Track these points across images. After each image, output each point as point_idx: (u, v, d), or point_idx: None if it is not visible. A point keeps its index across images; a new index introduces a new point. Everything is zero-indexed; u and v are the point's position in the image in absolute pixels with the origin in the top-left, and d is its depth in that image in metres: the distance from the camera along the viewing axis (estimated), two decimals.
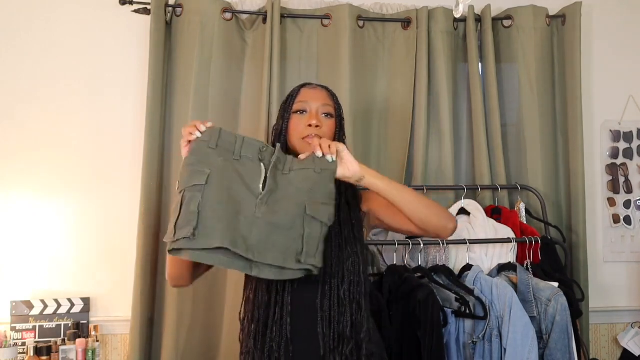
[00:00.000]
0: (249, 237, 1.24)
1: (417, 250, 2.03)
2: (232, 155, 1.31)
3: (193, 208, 1.22)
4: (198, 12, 2.20)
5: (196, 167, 1.26)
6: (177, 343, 2.11)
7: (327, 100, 1.56)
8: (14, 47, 2.22)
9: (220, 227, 1.21)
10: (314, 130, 1.49)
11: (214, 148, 1.29)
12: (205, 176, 1.25)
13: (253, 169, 1.31)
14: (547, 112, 2.41)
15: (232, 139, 1.32)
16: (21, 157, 2.19)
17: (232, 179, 1.28)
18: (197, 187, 1.24)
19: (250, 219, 1.25)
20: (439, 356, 1.80)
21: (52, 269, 2.19)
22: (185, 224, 1.21)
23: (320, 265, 1.28)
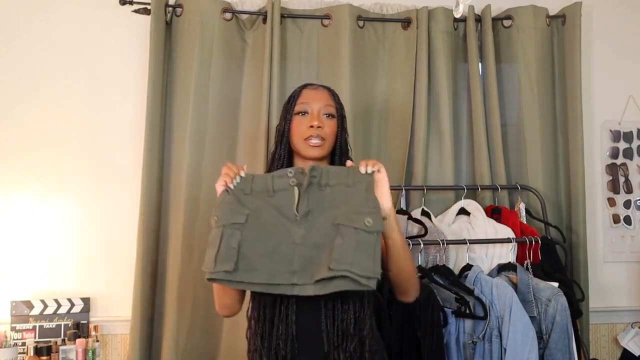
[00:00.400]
0: (293, 263, 1.29)
1: (417, 250, 2.03)
2: (267, 194, 1.36)
3: (233, 244, 1.28)
4: (198, 12, 2.20)
5: (235, 206, 1.33)
6: (177, 343, 2.11)
7: (328, 100, 1.57)
8: (14, 47, 2.22)
9: (261, 264, 1.28)
10: (315, 131, 1.50)
11: (249, 194, 1.36)
12: (245, 216, 1.32)
13: (287, 197, 1.35)
14: (547, 112, 2.41)
15: (263, 180, 1.38)
16: (21, 157, 2.19)
17: (269, 215, 1.33)
18: (237, 226, 1.30)
19: (291, 246, 1.30)
20: (439, 356, 1.80)
21: (52, 269, 2.19)
22: (226, 259, 1.27)
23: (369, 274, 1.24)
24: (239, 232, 1.29)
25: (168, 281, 2.15)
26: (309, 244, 1.30)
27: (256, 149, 2.21)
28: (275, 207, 1.34)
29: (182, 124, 2.19)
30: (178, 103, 2.21)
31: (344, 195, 1.34)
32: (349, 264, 1.23)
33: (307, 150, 1.52)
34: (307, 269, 1.28)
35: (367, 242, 1.26)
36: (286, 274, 1.28)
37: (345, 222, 1.28)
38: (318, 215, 1.33)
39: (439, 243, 2.05)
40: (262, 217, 1.32)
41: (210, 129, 2.21)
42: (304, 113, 1.54)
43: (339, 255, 1.24)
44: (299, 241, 1.31)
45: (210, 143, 2.21)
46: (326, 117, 1.54)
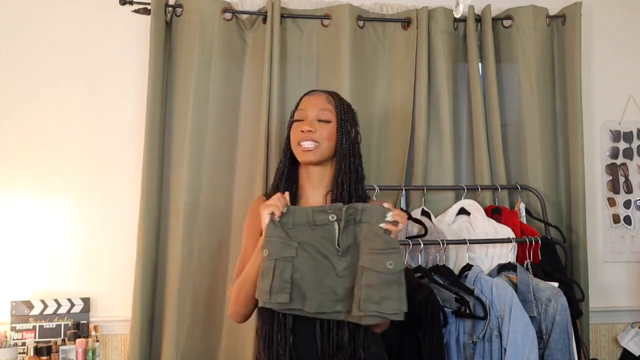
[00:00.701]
0: (337, 293, 1.40)
1: (417, 250, 2.03)
2: (309, 228, 1.44)
3: (286, 277, 1.39)
4: (198, 12, 2.20)
5: (285, 240, 1.42)
6: (177, 343, 2.11)
7: (324, 105, 1.57)
8: (14, 47, 2.22)
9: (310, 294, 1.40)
10: (306, 135, 1.53)
11: (292, 228, 1.44)
12: (294, 249, 1.41)
13: (328, 232, 1.44)
14: (547, 112, 2.41)
15: (304, 214, 1.45)
16: (21, 157, 2.19)
17: (314, 248, 1.43)
18: (288, 259, 1.40)
19: (335, 278, 1.41)
20: (439, 356, 1.80)
21: (52, 269, 2.19)
22: (280, 290, 1.38)
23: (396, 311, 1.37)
24: (290, 265, 1.40)
25: (168, 281, 2.15)
26: (351, 276, 1.41)
27: (256, 149, 2.21)
28: (318, 240, 1.43)
29: (182, 124, 2.19)
30: (178, 103, 2.21)
31: (368, 233, 1.42)
32: (377, 304, 1.35)
33: (300, 155, 1.55)
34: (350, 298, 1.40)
35: (392, 281, 1.37)
36: (331, 302, 1.40)
37: (368, 265, 1.38)
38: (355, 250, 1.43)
39: (439, 243, 2.05)
40: (308, 250, 1.42)
41: (210, 129, 2.21)
42: (300, 120, 1.57)
43: (366, 296, 1.36)
44: (342, 273, 1.41)
45: (210, 143, 2.21)
46: (321, 122, 1.55)
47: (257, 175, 2.17)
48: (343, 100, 1.62)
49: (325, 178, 1.59)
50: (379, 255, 1.38)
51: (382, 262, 1.37)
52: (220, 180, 2.22)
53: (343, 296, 1.40)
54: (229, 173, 2.25)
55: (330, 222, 1.43)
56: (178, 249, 2.13)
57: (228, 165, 2.25)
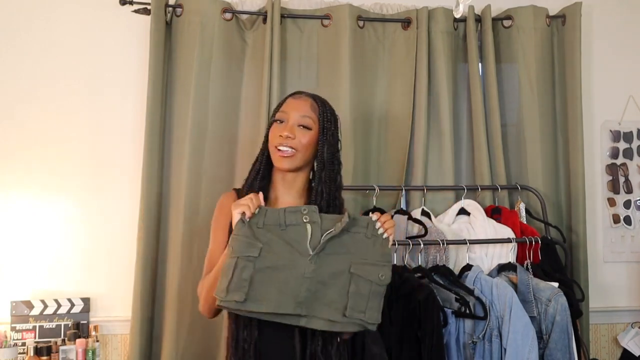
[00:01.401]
0: (299, 295, 1.36)
1: (417, 250, 2.03)
2: (279, 227, 1.42)
3: (245, 276, 1.35)
4: (198, 12, 2.20)
5: (250, 239, 1.39)
6: (177, 343, 2.11)
7: (307, 111, 1.53)
8: (14, 47, 2.22)
9: (269, 295, 1.36)
10: (284, 140, 1.50)
11: (261, 227, 1.41)
12: (258, 249, 1.38)
13: (300, 232, 1.41)
14: (547, 112, 2.41)
15: (275, 214, 1.43)
16: (21, 157, 2.19)
17: (281, 249, 1.40)
18: (250, 258, 1.37)
19: (300, 279, 1.37)
20: (439, 356, 1.80)
21: (52, 269, 2.19)
22: (237, 289, 1.34)
23: (374, 322, 1.38)
24: (251, 265, 1.36)
25: (168, 281, 2.15)
26: (317, 279, 1.38)
27: (256, 149, 2.15)
28: (287, 241, 1.40)
29: (182, 124, 2.19)
30: (178, 103, 2.21)
31: (361, 244, 1.42)
32: (363, 313, 1.37)
33: (277, 160, 1.52)
34: (311, 302, 1.37)
35: (378, 293, 1.39)
36: (292, 304, 1.36)
37: (362, 274, 1.39)
38: (332, 256, 1.40)
39: (439, 243, 2.05)
40: (274, 250, 1.39)
41: (210, 129, 2.21)
42: (281, 121, 1.53)
43: (354, 303, 1.37)
44: (309, 275, 1.37)
45: (210, 143, 2.21)
46: (301, 128, 1.51)
47: None
48: (327, 107, 1.57)
49: (298, 181, 1.57)
50: (373, 266, 1.40)
51: (375, 273, 1.39)
52: (220, 180, 2.22)
53: (304, 299, 1.36)
54: (229, 173, 2.25)
55: (302, 223, 1.41)
56: (178, 249, 2.13)
57: (228, 165, 2.25)
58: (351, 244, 1.42)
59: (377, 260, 1.41)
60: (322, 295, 1.37)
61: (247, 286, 1.34)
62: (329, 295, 1.38)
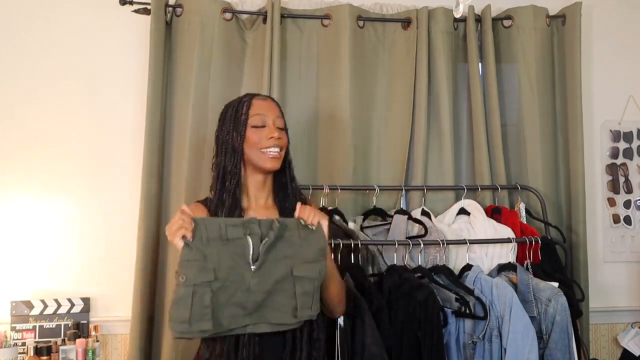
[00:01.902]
0: (247, 307, 1.38)
1: (417, 250, 2.03)
2: (221, 241, 1.39)
3: (206, 303, 1.34)
4: (198, 12, 2.20)
5: (201, 262, 1.36)
6: (177, 343, 2.11)
7: (279, 112, 1.60)
8: (14, 47, 2.22)
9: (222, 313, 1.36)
10: (275, 141, 1.53)
11: (206, 244, 1.38)
12: (212, 272, 1.35)
13: (242, 246, 1.40)
14: (547, 112, 2.41)
15: (215, 225, 1.39)
16: (21, 157, 2.19)
17: (227, 264, 1.38)
18: (206, 284, 1.34)
19: (246, 293, 1.38)
20: (439, 356, 1.80)
21: (52, 269, 2.19)
22: (201, 318, 1.33)
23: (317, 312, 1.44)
24: (209, 289, 1.34)
25: (168, 281, 2.15)
26: (262, 290, 1.39)
27: None
28: (230, 255, 1.39)
29: (182, 123, 2.19)
30: (178, 103, 2.21)
31: (297, 246, 1.44)
32: (309, 309, 1.41)
33: (266, 162, 1.53)
34: (259, 311, 1.40)
35: (318, 287, 1.44)
36: (240, 317, 1.38)
37: (303, 274, 1.42)
38: (272, 264, 1.41)
39: (439, 243, 2.05)
40: (222, 267, 1.37)
41: (210, 129, 2.21)
42: (261, 127, 1.54)
43: (302, 303, 1.41)
44: (254, 288, 1.38)
45: (210, 143, 2.19)
46: (279, 130, 1.56)
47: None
48: None
49: (268, 182, 1.61)
50: (313, 264, 1.43)
51: (316, 270, 1.43)
52: None
53: (252, 310, 1.38)
54: None
55: (243, 236, 1.39)
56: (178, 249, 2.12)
57: None
58: (288, 248, 1.43)
59: (314, 257, 1.44)
60: (270, 302, 1.40)
61: (210, 313, 1.33)
62: (277, 301, 1.40)
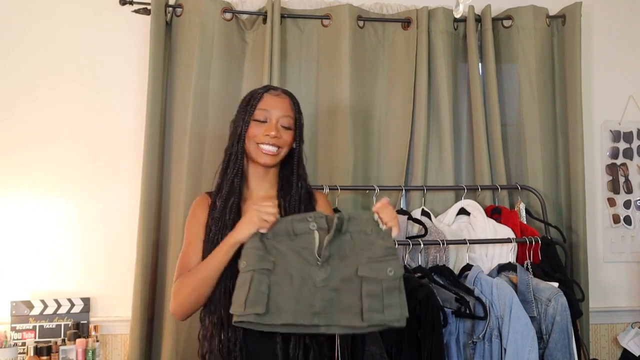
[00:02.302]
0: (315, 305, 1.36)
1: (417, 250, 2.03)
2: (289, 237, 1.42)
3: (263, 289, 1.35)
4: (198, 12, 2.20)
5: (262, 252, 1.39)
6: (177, 343, 2.11)
7: (288, 111, 1.58)
8: (14, 47, 2.22)
9: (286, 306, 1.35)
10: (271, 139, 1.53)
11: (271, 238, 1.42)
12: (272, 263, 1.38)
13: (308, 241, 1.41)
14: (547, 112, 2.41)
15: (284, 224, 1.43)
16: (21, 157, 2.19)
17: (292, 259, 1.40)
18: (265, 271, 1.37)
19: (313, 289, 1.37)
20: (439, 356, 1.80)
21: (52, 269, 2.19)
22: (255, 302, 1.34)
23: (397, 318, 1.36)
24: (267, 277, 1.36)
25: (168, 281, 2.15)
26: (330, 287, 1.37)
27: None
28: (297, 250, 1.40)
29: (182, 124, 2.19)
30: (178, 103, 2.21)
31: (364, 242, 1.41)
32: (381, 313, 1.34)
33: (260, 156, 1.55)
34: (329, 311, 1.36)
35: (393, 288, 1.36)
36: (308, 315, 1.35)
37: (369, 274, 1.36)
38: (339, 260, 1.40)
39: (439, 243, 2.04)
40: (286, 261, 1.39)
41: (210, 129, 2.21)
42: (263, 121, 1.55)
43: (369, 305, 1.34)
44: (320, 284, 1.37)
45: (210, 143, 2.21)
46: (283, 128, 1.56)
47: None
48: (298, 104, 1.63)
49: (270, 174, 1.61)
50: (379, 263, 1.37)
51: (383, 270, 1.37)
52: None
53: (321, 309, 1.36)
54: None
55: (310, 230, 1.41)
56: (178, 249, 2.11)
57: None
58: (355, 245, 1.40)
59: (381, 256, 1.38)
60: (337, 302, 1.36)
61: (265, 298, 1.34)
62: (343, 301, 1.36)
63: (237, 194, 1.54)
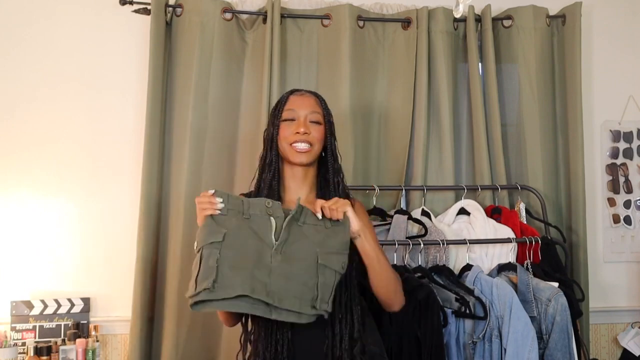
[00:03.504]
0: (269, 284, 1.33)
1: (417, 250, 2.03)
2: (242, 216, 1.40)
3: (212, 263, 1.31)
4: (198, 12, 2.20)
5: (213, 227, 1.36)
6: (177, 343, 2.11)
7: (315, 107, 1.58)
8: (14, 48, 2.22)
9: (238, 278, 1.31)
10: (301, 137, 1.53)
11: (226, 214, 1.39)
12: (222, 235, 1.35)
13: (264, 224, 1.39)
14: (547, 112, 2.41)
15: (238, 202, 1.41)
16: (21, 157, 2.19)
17: (246, 235, 1.37)
18: (215, 245, 1.34)
19: (267, 268, 1.35)
20: (439, 356, 1.80)
21: (52, 269, 2.19)
22: (204, 278, 1.30)
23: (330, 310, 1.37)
24: (217, 251, 1.33)
25: (168, 281, 2.15)
26: (285, 270, 1.36)
27: (256, 149, 2.20)
28: (253, 230, 1.38)
29: (182, 124, 2.19)
30: (178, 103, 2.21)
31: (323, 235, 1.41)
32: (326, 303, 1.35)
33: (294, 156, 1.54)
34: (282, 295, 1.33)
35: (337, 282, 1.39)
36: (263, 291, 1.32)
37: (328, 264, 1.38)
38: (297, 248, 1.39)
39: (439, 243, 2.05)
40: (239, 237, 1.36)
41: (210, 129, 2.21)
42: (291, 120, 1.56)
43: (322, 295, 1.35)
44: (275, 265, 1.35)
45: (210, 143, 2.21)
46: (312, 124, 1.56)
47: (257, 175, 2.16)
48: (325, 101, 1.63)
49: (309, 176, 1.60)
50: (337, 255, 1.40)
51: (339, 262, 1.39)
52: (220, 180, 2.22)
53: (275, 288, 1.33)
54: (229, 173, 2.25)
55: (266, 215, 1.40)
56: (178, 249, 2.13)
57: (228, 165, 2.25)
58: (314, 235, 1.40)
59: (339, 249, 1.41)
60: (291, 287, 1.35)
61: (214, 273, 1.29)
62: (297, 287, 1.35)
63: (275, 197, 1.54)
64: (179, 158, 2.19)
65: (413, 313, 1.84)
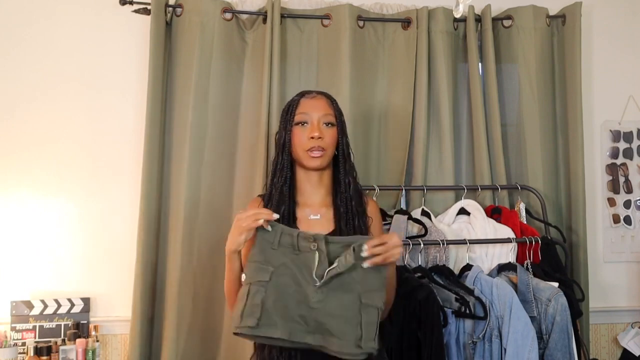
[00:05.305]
0: (309, 324, 1.38)
1: (417, 250, 2.03)
2: (293, 251, 1.43)
3: (257, 301, 1.37)
4: (198, 12, 2.20)
5: (262, 264, 1.42)
6: (177, 343, 2.11)
7: (327, 109, 1.58)
8: (15, 48, 2.22)
9: (280, 320, 1.37)
10: (316, 142, 1.53)
11: (276, 248, 1.43)
12: (269, 274, 1.40)
13: (309, 259, 1.42)
14: (547, 112, 2.41)
15: (289, 237, 1.44)
16: (21, 157, 2.19)
17: (292, 274, 1.41)
18: (262, 283, 1.40)
19: (307, 309, 1.39)
20: (439, 356, 1.80)
21: (52, 269, 2.19)
22: (250, 314, 1.37)
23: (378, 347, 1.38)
24: (263, 289, 1.39)
25: (168, 281, 2.15)
26: (325, 310, 1.39)
27: (256, 149, 2.21)
28: (298, 266, 1.42)
29: (182, 124, 2.19)
30: (178, 103, 2.21)
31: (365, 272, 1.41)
32: (373, 341, 1.36)
33: (309, 161, 1.54)
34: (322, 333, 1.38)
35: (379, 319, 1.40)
36: (302, 333, 1.38)
37: (371, 302, 1.40)
38: (338, 286, 1.41)
39: (439, 243, 2.05)
40: (285, 275, 1.41)
41: (210, 129, 2.21)
42: (303, 123, 1.56)
43: (367, 334, 1.36)
44: (315, 305, 1.39)
45: (210, 143, 2.21)
46: (326, 127, 1.56)
47: (257, 175, 2.17)
48: (336, 101, 1.63)
49: (325, 178, 1.61)
50: (378, 292, 1.41)
51: (381, 299, 1.41)
52: (220, 180, 2.22)
53: (313, 329, 1.38)
54: (229, 173, 2.25)
55: (311, 250, 1.42)
56: (178, 249, 2.13)
57: (228, 165, 2.25)
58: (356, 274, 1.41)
59: (379, 286, 1.42)
60: (331, 327, 1.37)
61: (259, 311, 1.36)
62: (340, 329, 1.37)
63: (287, 202, 1.55)
64: (179, 158, 2.19)
65: (413, 313, 1.84)
